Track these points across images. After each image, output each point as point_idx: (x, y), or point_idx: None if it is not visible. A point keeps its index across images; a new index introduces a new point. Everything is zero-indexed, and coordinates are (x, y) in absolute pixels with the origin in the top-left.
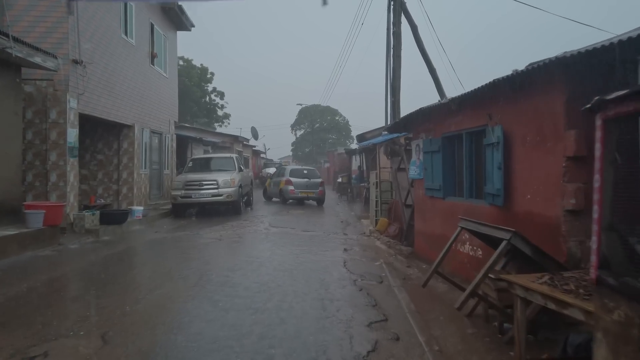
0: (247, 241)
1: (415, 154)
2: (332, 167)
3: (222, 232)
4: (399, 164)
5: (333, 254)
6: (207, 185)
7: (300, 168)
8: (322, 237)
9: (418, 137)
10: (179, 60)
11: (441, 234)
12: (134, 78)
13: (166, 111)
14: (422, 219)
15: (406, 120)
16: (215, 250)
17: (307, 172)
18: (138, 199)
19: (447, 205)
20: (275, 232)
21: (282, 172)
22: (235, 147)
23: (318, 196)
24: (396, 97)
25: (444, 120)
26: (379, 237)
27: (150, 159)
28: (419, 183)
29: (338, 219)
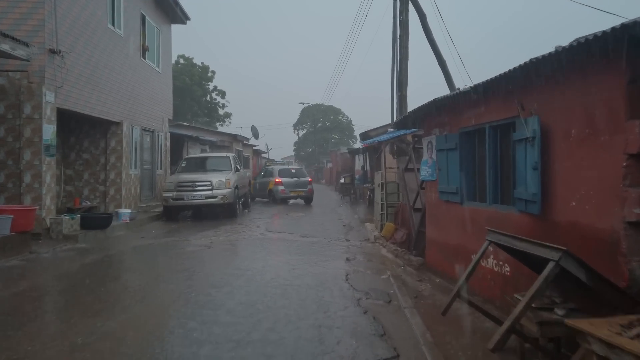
0: (239, 249)
1: (426, 152)
2: (335, 167)
3: (214, 238)
4: (407, 163)
5: (334, 264)
6: (200, 186)
7: (288, 168)
8: (323, 243)
9: (430, 133)
10: (179, 58)
11: (458, 244)
12: (122, 71)
13: (159, 108)
14: (435, 226)
15: (416, 114)
16: (202, 260)
17: (295, 172)
18: (127, 201)
19: (466, 212)
20: (272, 238)
21: (269, 172)
22: (234, 146)
23: (307, 194)
24: (403, 91)
25: (462, 112)
26: (385, 244)
27: (141, 158)
28: (432, 185)
29: (340, 223)
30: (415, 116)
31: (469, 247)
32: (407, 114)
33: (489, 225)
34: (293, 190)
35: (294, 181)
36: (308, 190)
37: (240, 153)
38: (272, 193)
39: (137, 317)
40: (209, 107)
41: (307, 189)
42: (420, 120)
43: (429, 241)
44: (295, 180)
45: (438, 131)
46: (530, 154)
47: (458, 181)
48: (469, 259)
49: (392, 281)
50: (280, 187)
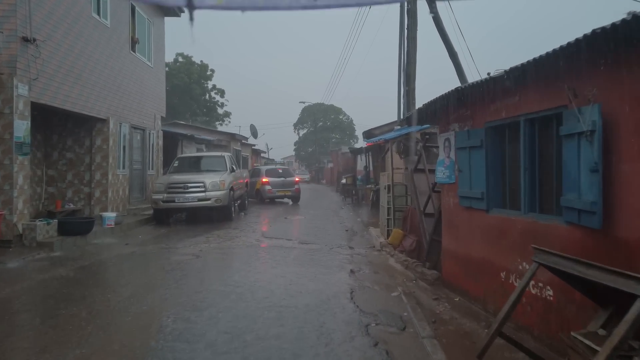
0: (230, 259)
1: (443, 151)
2: (336, 168)
3: (204, 245)
4: (416, 163)
5: (337, 278)
6: (192, 188)
7: (275, 168)
8: (324, 252)
9: (448, 129)
10: (178, 57)
11: (483, 259)
12: (108, 64)
13: (150, 104)
14: (454, 235)
15: (432, 107)
16: (187, 273)
17: (282, 172)
18: (114, 204)
19: (493, 221)
20: (268, 246)
21: (257, 172)
22: (232, 145)
23: (294, 194)
24: (410, 85)
25: (490, 103)
26: (393, 253)
27: (131, 157)
28: (449, 189)
29: (342, 227)
30: (429, 110)
31: (497, 263)
32: (421, 107)
33: (524, 239)
34: (280, 190)
35: (281, 181)
36: (295, 189)
37: (238, 152)
38: (260, 193)
39: (95, 352)
40: (208, 106)
41: (293, 189)
42: (433, 116)
43: (446, 253)
44: (282, 180)
45: (458, 126)
46: (586, 152)
47: (483, 184)
48: (497, 278)
49: (405, 300)
50: (267, 187)
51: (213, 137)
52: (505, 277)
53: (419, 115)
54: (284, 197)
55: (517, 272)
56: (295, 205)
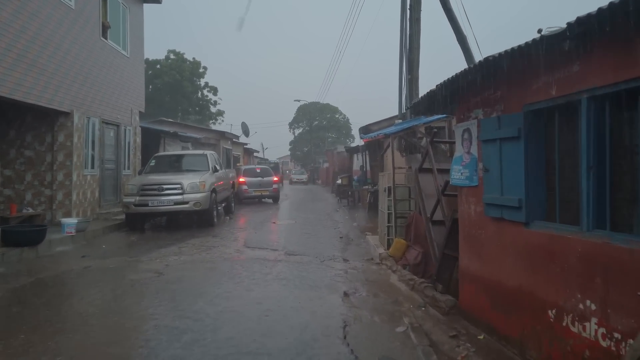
0: (198, 277)
1: (461, 145)
2: (332, 167)
3: (173, 258)
4: (422, 162)
5: (327, 303)
6: (169, 189)
7: (253, 167)
8: (313, 265)
9: (468, 117)
10: (170, 54)
11: (520, 289)
12: (72, 51)
13: (126, 98)
14: (476, 253)
15: (449, 88)
16: (138, 299)
17: (260, 171)
18: (80, 208)
19: (537, 239)
20: (249, 258)
21: (239, 172)
22: (222, 144)
23: (272, 194)
24: (413, 73)
25: (532, 78)
26: (395, 268)
27: (101, 156)
28: (470, 194)
29: (336, 233)
30: (443, 94)
31: (542, 296)
32: (433, 89)
33: (588, 267)
34: (257, 190)
35: (258, 181)
36: (272, 189)
37: (229, 152)
38: (237, 193)
39: None
40: (200, 104)
41: (271, 189)
42: (446, 102)
43: (465, 274)
44: (259, 180)
45: (482, 113)
46: None
47: (521, 189)
48: (542, 316)
49: (414, 338)
50: (243, 187)
51: (201, 135)
52: (555, 317)
53: (428, 102)
54: (261, 197)
55: (575, 312)
56: (286, 207)
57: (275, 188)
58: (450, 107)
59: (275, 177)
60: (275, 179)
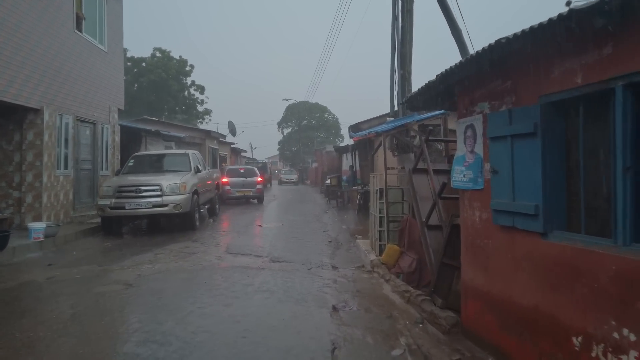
0: (172, 290)
1: (464, 143)
2: (320, 167)
3: (147, 266)
4: (416, 162)
5: (314, 321)
6: (147, 191)
7: (237, 167)
8: (300, 274)
9: (472, 111)
10: (156, 51)
11: (536, 309)
12: (42, 43)
13: (104, 95)
14: (482, 266)
15: (450, 79)
16: (100, 317)
17: (243, 172)
18: (52, 211)
19: (557, 252)
20: (230, 266)
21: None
22: (208, 143)
23: (256, 194)
24: (406, 68)
25: (552, 64)
26: (388, 277)
27: (76, 156)
28: (474, 198)
29: (325, 236)
30: (442, 86)
31: (565, 320)
32: (432, 80)
33: (624, 289)
34: (239, 190)
35: (241, 181)
36: (256, 190)
37: (215, 151)
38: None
39: None
40: (186, 103)
41: (255, 189)
42: (445, 95)
43: (469, 289)
44: (242, 180)
45: (489, 107)
46: None
47: (538, 193)
48: (565, 343)
49: None
50: (226, 187)
51: (185, 134)
52: (582, 345)
53: (425, 95)
54: (244, 197)
55: (608, 342)
56: (273, 209)
57: (259, 189)
58: (450, 101)
59: (260, 177)
60: (259, 180)
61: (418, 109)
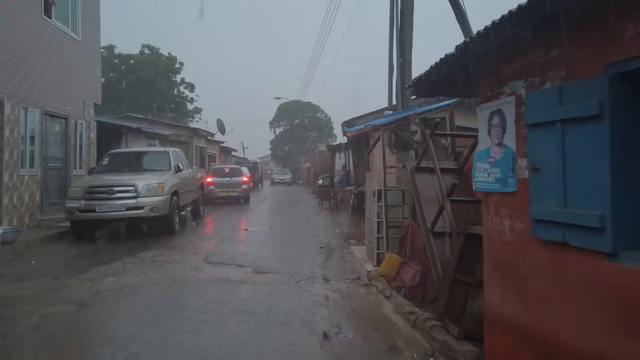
0: (133, 311)
1: (488, 134)
2: (313, 167)
3: (111, 279)
4: (419, 160)
5: (300, 354)
6: (120, 192)
7: (222, 167)
8: (287, 289)
9: (498, 93)
10: (144, 48)
11: (601, 355)
12: (3, 28)
13: (77, 88)
14: (514, 290)
15: (471, 52)
16: (33, 352)
17: (228, 171)
18: (16, 214)
19: (633, 281)
20: (206, 279)
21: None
22: (195, 142)
23: (241, 194)
24: (405, 56)
25: (624, 22)
26: (388, 293)
27: (44, 154)
28: (504, 203)
29: (316, 242)
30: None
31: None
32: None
33: None
34: (224, 190)
35: (225, 181)
36: (241, 190)
37: (203, 150)
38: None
39: None
40: (176, 101)
41: (240, 189)
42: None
43: (495, 317)
44: (227, 180)
45: (525, 85)
46: None
47: (605, 199)
48: None
49: None
50: (210, 187)
51: (171, 131)
52: None
53: (434, 78)
54: (228, 197)
55: None
56: (263, 211)
57: (244, 189)
58: (466, 84)
59: (245, 177)
60: (244, 179)
61: (425, 95)
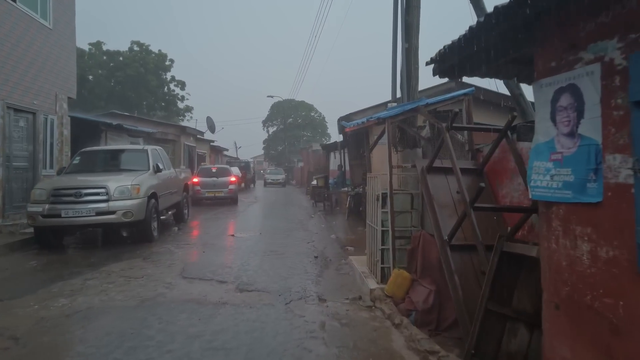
0: (73, 347)
1: (551, 120)
2: (306, 167)
3: (63, 301)
4: (433, 158)
5: None
6: (89, 195)
7: (209, 167)
8: (274, 313)
9: (570, 63)
10: (133, 45)
11: None
12: None
13: (48, 80)
14: (598, 344)
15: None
16: None
17: (215, 171)
18: None
19: None
20: (178, 299)
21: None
22: (183, 140)
23: (227, 195)
24: (412, 41)
25: None
26: (396, 318)
27: (6, 151)
28: (579, 218)
29: (310, 249)
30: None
31: None
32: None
33: None
34: (210, 191)
35: (212, 181)
36: (229, 190)
37: (192, 149)
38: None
39: None
40: (166, 99)
41: (226, 190)
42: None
43: None
44: (213, 180)
45: (621, 46)
46: None
47: None
48: None
49: None
50: (196, 187)
51: (155, 128)
52: None
53: (466, 49)
54: (214, 198)
55: None
56: (253, 213)
57: (231, 189)
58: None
59: (233, 177)
60: (232, 180)
61: (449, 75)
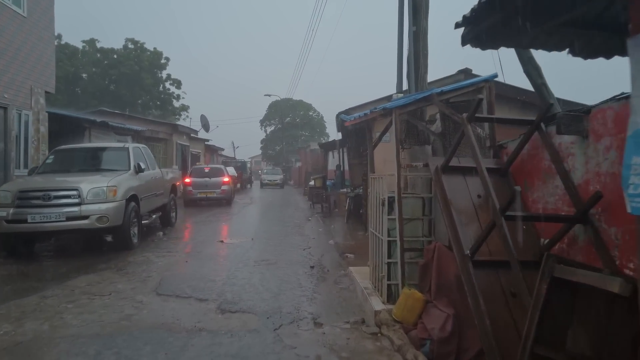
0: None
1: None
2: (304, 167)
3: (7, 327)
4: (451, 155)
5: None
6: (59, 198)
7: (202, 167)
8: (259, 343)
9: None
10: (128, 42)
11: None
12: None
13: (21, 72)
14: None
15: None
16: None
17: (208, 171)
18: None
19: None
20: (147, 324)
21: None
22: (175, 139)
23: (220, 196)
24: (420, 24)
25: None
26: (409, 352)
27: None
28: None
29: (306, 257)
30: None
31: None
32: None
33: None
34: (202, 192)
35: (204, 181)
36: (221, 191)
37: (185, 149)
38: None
39: None
40: (162, 98)
41: (219, 190)
42: None
43: None
44: (206, 181)
45: None
46: None
47: None
48: None
49: None
50: (188, 188)
51: (144, 126)
52: None
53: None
54: (206, 199)
55: None
56: (247, 216)
57: (224, 190)
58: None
59: (226, 177)
60: (225, 180)
61: (479, 43)
